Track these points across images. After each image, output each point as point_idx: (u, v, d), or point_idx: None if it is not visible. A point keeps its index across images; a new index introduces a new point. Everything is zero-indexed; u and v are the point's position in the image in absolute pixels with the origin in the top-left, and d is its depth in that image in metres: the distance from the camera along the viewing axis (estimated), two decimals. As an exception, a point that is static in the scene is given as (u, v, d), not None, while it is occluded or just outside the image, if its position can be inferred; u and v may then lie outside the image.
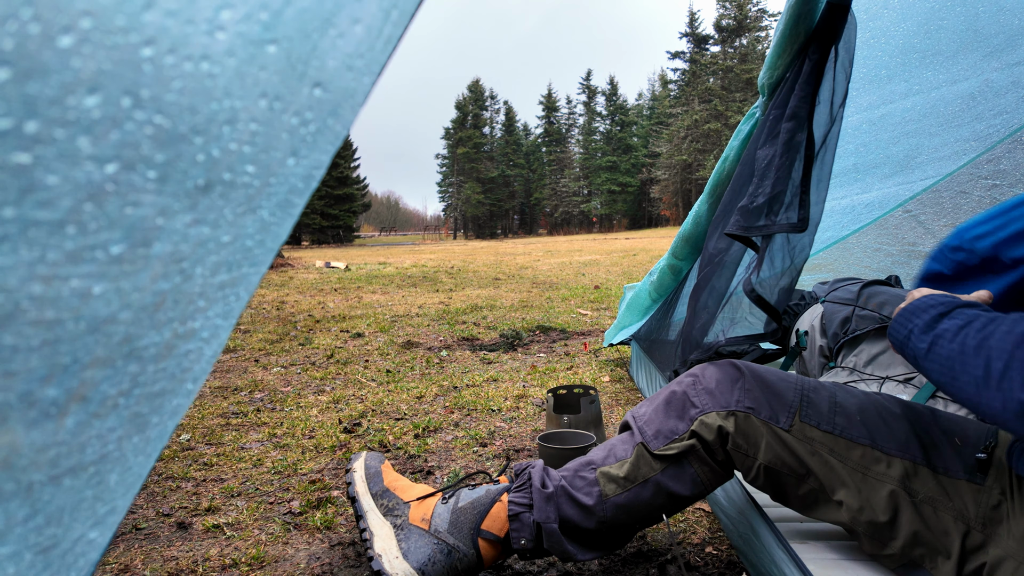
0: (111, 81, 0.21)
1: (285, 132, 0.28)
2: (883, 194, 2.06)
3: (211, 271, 0.28)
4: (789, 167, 0.95)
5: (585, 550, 0.96)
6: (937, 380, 0.74)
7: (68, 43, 0.20)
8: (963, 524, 0.75)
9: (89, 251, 0.23)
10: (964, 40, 1.32)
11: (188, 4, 0.22)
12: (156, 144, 0.23)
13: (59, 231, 0.22)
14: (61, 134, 0.21)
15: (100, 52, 0.21)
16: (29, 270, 0.21)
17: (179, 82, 0.23)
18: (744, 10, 47.29)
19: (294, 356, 2.95)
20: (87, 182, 0.22)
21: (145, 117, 0.23)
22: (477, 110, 59.61)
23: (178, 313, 0.28)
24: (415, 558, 0.95)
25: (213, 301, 0.30)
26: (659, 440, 0.93)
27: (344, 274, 8.30)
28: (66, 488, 0.27)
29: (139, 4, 0.21)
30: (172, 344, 0.29)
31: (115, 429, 0.28)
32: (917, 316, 0.81)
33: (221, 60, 0.24)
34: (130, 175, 0.23)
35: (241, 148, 0.27)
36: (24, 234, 0.21)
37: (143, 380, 0.28)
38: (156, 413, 0.31)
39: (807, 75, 1.01)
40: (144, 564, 1.13)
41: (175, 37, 0.22)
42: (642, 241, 20.74)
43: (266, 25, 0.25)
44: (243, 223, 0.29)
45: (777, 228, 0.92)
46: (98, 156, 0.22)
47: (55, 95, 0.20)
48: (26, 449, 0.24)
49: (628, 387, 2.28)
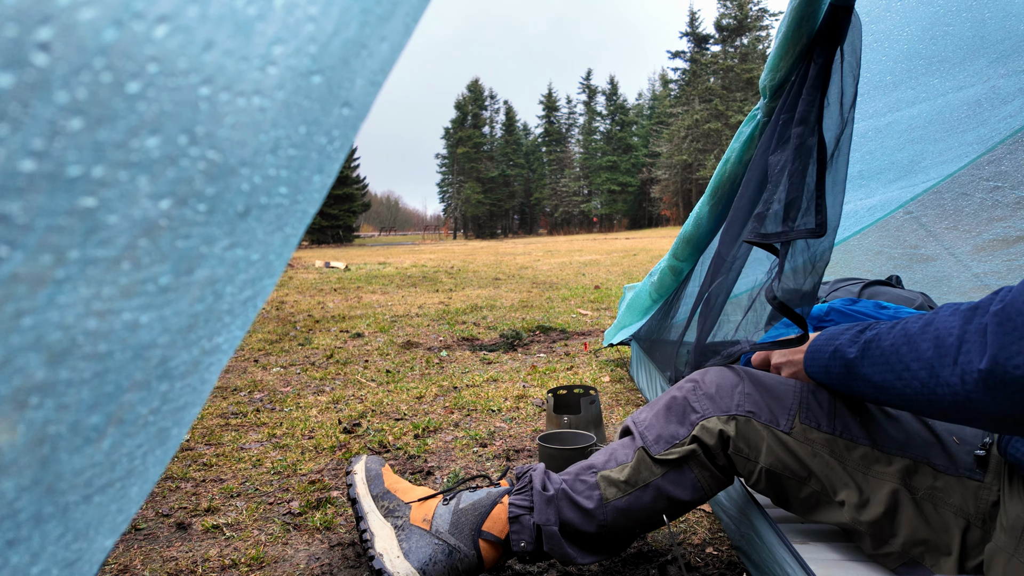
0: (171, 121, 0.22)
1: (315, 152, 0.29)
2: (885, 198, 2.06)
3: (239, 288, 0.29)
4: (803, 172, 0.95)
5: (585, 554, 0.96)
6: (879, 382, 0.72)
7: (135, 89, 0.20)
8: (963, 520, 0.76)
9: (141, 284, 0.23)
10: (971, 46, 1.31)
11: (244, 42, 0.23)
12: (207, 178, 0.24)
13: (115, 267, 0.22)
14: (124, 176, 0.21)
15: (163, 95, 0.21)
16: (86, 306, 0.22)
17: (232, 117, 0.24)
18: (745, 9, 47.31)
19: (294, 356, 2.95)
20: (143, 219, 0.22)
21: (199, 153, 0.23)
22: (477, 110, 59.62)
23: (207, 331, 0.28)
24: (416, 557, 0.95)
25: (237, 316, 0.31)
26: (660, 445, 0.93)
27: (344, 274, 8.30)
28: (95, 504, 0.28)
29: (200, 45, 0.21)
30: (198, 360, 0.29)
31: (142, 445, 0.29)
32: (837, 337, 0.81)
33: (271, 94, 0.25)
34: (182, 209, 0.23)
35: (279, 173, 0.27)
36: (84, 272, 0.21)
37: (171, 396, 0.29)
38: (177, 426, 0.31)
39: (814, 78, 1.01)
40: (144, 564, 1.12)
41: (230, 75, 0.23)
42: (642, 241, 20.75)
43: (314, 57, 0.26)
44: (271, 240, 0.30)
45: (795, 234, 0.92)
46: (154, 193, 0.22)
47: (121, 139, 0.20)
48: (67, 474, 0.25)
49: (628, 387, 2.28)
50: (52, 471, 0.24)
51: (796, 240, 0.94)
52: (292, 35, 0.24)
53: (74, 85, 0.19)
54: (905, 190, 2.00)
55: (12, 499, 0.23)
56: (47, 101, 0.18)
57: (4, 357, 0.20)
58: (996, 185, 1.75)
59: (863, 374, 0.74)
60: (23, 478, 0.23)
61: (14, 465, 0.22)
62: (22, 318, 0.20)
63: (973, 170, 1.80)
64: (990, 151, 1.73)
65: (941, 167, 1.84)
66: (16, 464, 0.22)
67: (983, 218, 1.84)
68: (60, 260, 0.20)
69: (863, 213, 2.15)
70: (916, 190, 1.99)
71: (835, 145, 0.98)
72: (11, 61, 0.17)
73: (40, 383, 0.21)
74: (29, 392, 0.21)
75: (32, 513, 0.24)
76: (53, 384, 0.22)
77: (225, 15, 0.22)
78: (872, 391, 0.74)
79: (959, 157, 1.78)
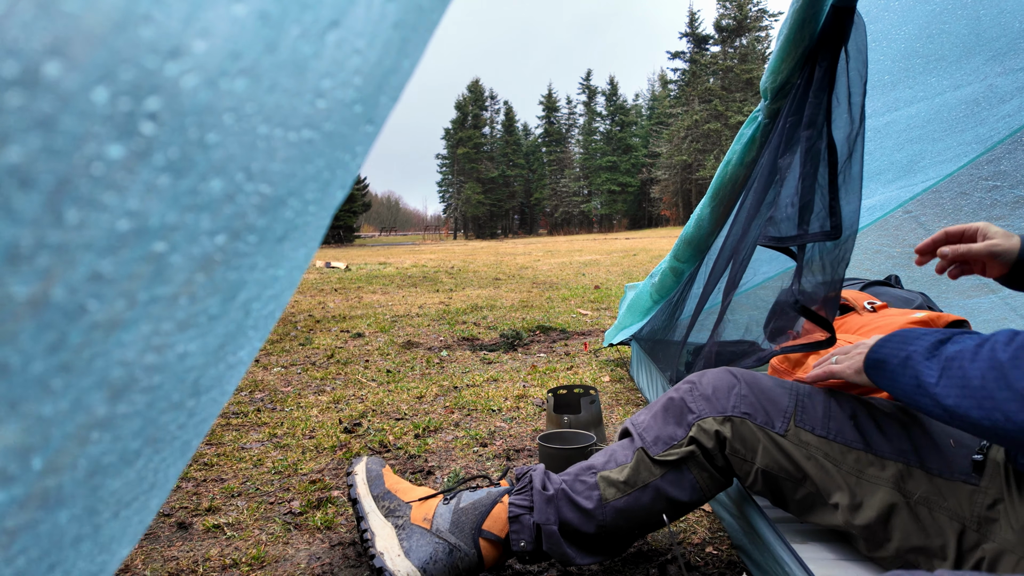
0: (233, 163, 0.22)
1: (341, 170, 0.29)
2: (885, 198, 2.06)
3: (265, 304, 0.29)
4: (814, 175, 0.94)
5: (584, 554, 0.96)
6: (951, 406, 0.66)
7: (214, 140, 0.21)
8: (959, 524, 0.75)
9: (195, 318, 0.24)
10: (967, 44, 1.31)
11: (299, 80, 0.23)
12: (259, 211, 0.24)
13: (173, 303, 0.22)
14: (191, 219, 0.21)
15: (231, 139, 0.21)
16: (146, 343, 0.22)
17: (283, 151, 0.24)
18: (744, 10, 47.31)
19: (294, 356, 2.95)
20: (201, 255, 0.23)
21: (253, 188, 0.23)
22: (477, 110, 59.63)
23: (234, 347, 0.29)
24: (417, 556, 0.96)
25: (260, 330, 0.31)
26: (658, 446, 0.94)
27: (344, 274, 8.30)
28: (122, 519, 0.28)
29: (265, 89, 0.22)
30: (222, 375, 0.29)
31: (167, 459, 0.29)
32: (911, 343, 0.74)
33: (319, 125, 0.25)
34: (236, 243, 0.24)
35: (314, 195, 0.27)
36: (147, 311, 0.22)
37: (197, 411, 0.29)
38: (198, 437, 0.32)
39: (819, 81, 1.01)
40: (144, 564, 1.13)
41: (286, 111, 0.23)
42: (642, 241, 20.74)
43: (358, 88, 0.26)
44: (296, 256, 0.30)
45: (810, 237, 0.91)
46: (212, 230, 0.23)
47: (193, 185, 0.21)
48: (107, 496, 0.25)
49: (628, 387, 2.28)
50: (97, 496, 0.24)
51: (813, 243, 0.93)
52: (340, 69, 0.25)
53: (170, 146, 0.19)
54: (904, 190, 2.00)
55: (64, 527, 0.23)
56: (149, 165, 0.19)
57: (76, 399, 0.20)
58: (995, 184, 1.76)
59: (934, 394, 0.68)
60: (76, 507, 0.23)
61: (72, 497, 0.22)
62: (94, 361, 0.20)
63: (972, 169, 1.81)
64: (989, 151, 1.73)
65: (940, 167, 1.84)
66: (73, 496, 0.22)
67: (982, 217, 1.84)
68: (131, 304, 0.21)
69: (863, 213, 2.16)
70: (915, 190, 1.99)
71: (848, 146, 0.97)
72: (123, 132, 0.18)
73: (101, 419, 0.22)
74: (91, 428, 0.22)
75: (74, 536, 0.24)
76: (112, 419, 0.22)
77: (288, 58, 0.22)
78: (939, 412, 0.68)
79: (958, 157, 1.78)
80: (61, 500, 0.22)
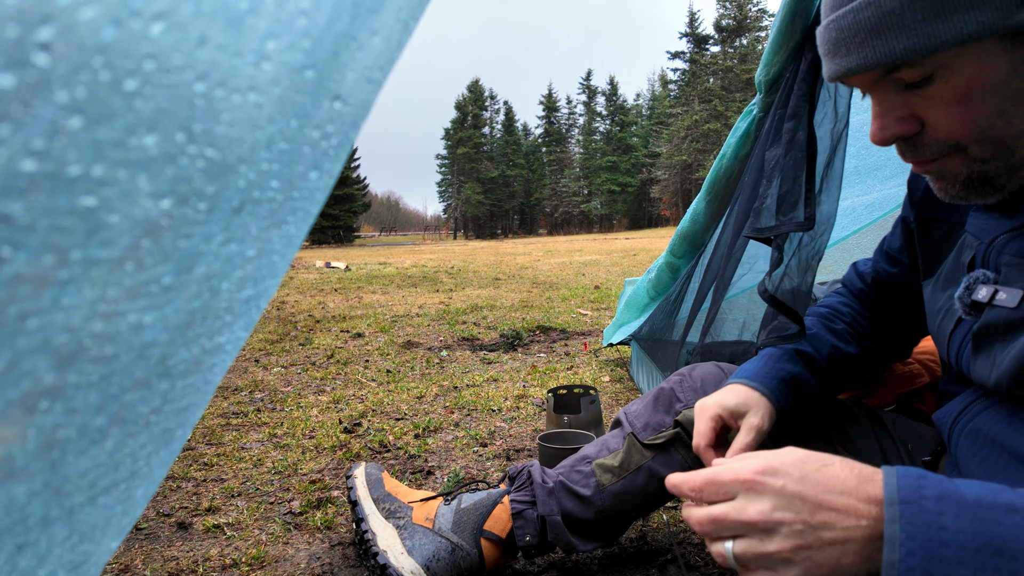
0: (167, 119, 0.22)
1: (307, 146, 0.29)
2: (884, 195, 2.06)
3: (237, 286, 0.29)
4: (794, 166, 0.96)
5: (586, 541, 1.00)
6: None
7: (133, 86, 0.20)
8: None
9: (145, 285, 0.23)
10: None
11: (237, 37, 0.23)
12: (207, 176, 0.24)
13: (119, 268, 0.22)
14: (123, 175, 0.21)
15: (159, 92, 0.21)
16: (92, 308, 0.22)
17: (228, 114, 0.23)
18: (744, 10, 47.34)
19: (294, 356, 2.95)
20: (144, 218, 0.22)
21: (198, 151, 0.23)
22: (477, 110, 59.64)
23: (206, 329, 0.28)
24: (420, 554, 0.97)
25: (238, 315, 0.30)
26: (648, 432, 0.99)
27: (344, 274, 8.30)
28: (100, 506, 0.28)
29: (193, 41, 0.21)
30: (199, 359, 0.29)
31: (145, 446, 0.29)
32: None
33: (267, 90, 0.25)
34: (184, 208, 0.23)
35: (271, 167, 0.27)
36: (87, 274, 0.21)
37: (172, 396, 0.29)
38: (181, 427, 0.31)
39: (804, 73, 1.02)
40: (144, 564, 1.13)
41: (225, 71, 0.23)
42: (642, 241, 20.75)
43: (307, 52, 0.26)
44: (268, 237, 0.29)
45: (785, 227, 0.94)
46: (155, 192, 0.22)
47: (119, 137, 0.20)
48: (73, 476, 0.25)
49: (628, 387, 2.28)
50: (60, 474, 0.24)
51: (791, 235, 0.95)
52: (285, 30, 0.24)
53: (74, 84, 0.19)
54: (903, 187, 2.00)
55: (23, 504, 0.23)
56: (48, 100, 0.18)
57: (11, 360, 0.20)
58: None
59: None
60: (34, 483, 0.23)
61: (25, 471, 0.22)
62: (27, 320, 0.20)
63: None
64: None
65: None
66: (27, 469, 0.22)
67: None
68: (63, 261, 0.20)
69: (861, 211, 2.15)
70: (915, 189, 1.99)
71: (832, 140, 0.98)
72: (13, 61, 0.17)
73: (49, 387, 0.22)
74: (39, 396, 0.21)
75: (40, 517, 0.24)
76: (62, 388, 0.22)
77: (217, 10, 0.22)
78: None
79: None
80: (12, 472, 0.22)
